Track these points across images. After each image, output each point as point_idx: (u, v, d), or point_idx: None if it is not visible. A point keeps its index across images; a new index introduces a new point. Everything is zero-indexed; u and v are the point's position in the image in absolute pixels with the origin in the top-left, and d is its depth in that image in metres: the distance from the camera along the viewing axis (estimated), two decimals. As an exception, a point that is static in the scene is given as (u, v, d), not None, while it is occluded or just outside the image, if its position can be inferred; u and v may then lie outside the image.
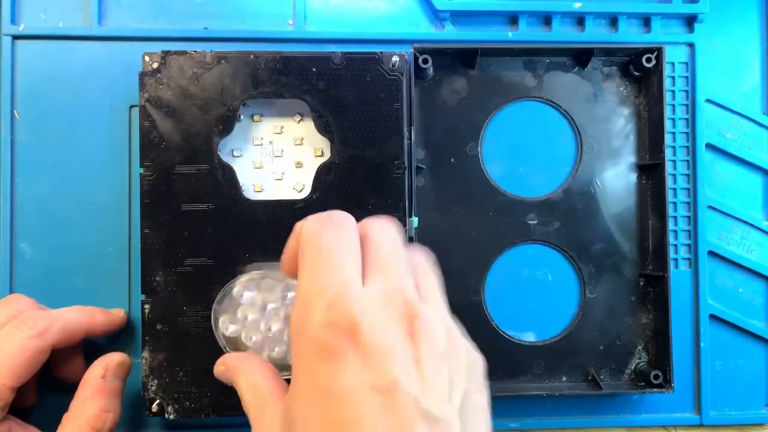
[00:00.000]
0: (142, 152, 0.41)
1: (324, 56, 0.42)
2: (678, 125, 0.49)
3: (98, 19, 0.46)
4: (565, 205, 0.47)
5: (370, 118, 0.42)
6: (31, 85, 0.45)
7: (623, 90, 0.48)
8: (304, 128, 0.45)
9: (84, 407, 0.38)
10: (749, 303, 0.49)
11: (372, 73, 0.42)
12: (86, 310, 0.41)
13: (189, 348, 0.41)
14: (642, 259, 0.48)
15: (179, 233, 0.41)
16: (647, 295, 0.48)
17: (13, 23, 0.45)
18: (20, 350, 0.36)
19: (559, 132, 0.48)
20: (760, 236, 0.49)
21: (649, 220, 0.47)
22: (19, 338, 0.36)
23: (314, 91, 0.42)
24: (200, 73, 0.42)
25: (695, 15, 0.48)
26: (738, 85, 0.50)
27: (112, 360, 0.40)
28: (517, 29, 0.48)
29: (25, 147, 0.45)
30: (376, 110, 0.42)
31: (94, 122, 0.46)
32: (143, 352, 0.40)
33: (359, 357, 0.27)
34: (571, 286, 0.48)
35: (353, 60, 0.42)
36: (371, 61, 0.42)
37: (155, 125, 0.41)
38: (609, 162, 0.48)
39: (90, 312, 0.42)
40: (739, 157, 0.49)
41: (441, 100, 0.47)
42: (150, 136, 0.41)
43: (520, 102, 0.48)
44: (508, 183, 0.47)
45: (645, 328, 0.48)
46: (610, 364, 0.47)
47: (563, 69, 0.48)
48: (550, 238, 0.47)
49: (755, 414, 0.49)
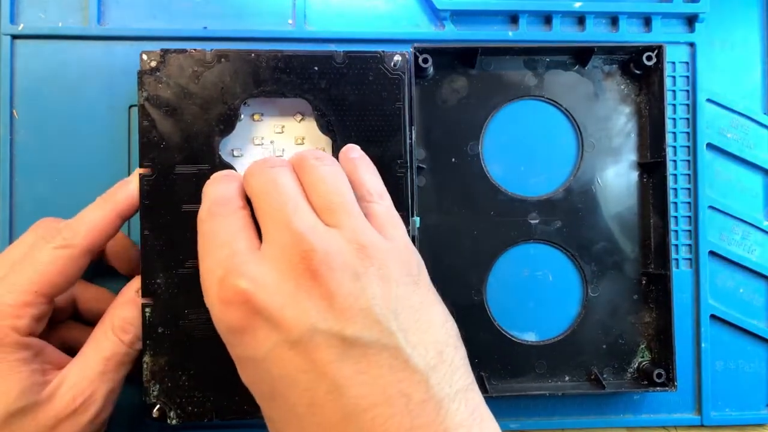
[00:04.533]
0: (142, 152, 0.40)
1: (326, 55, 0.41)
2: (678, 125, 0.49)
3: (98, 18, 0.46)
4: (567, 204, 0.47)
5: (372, 117, 0.41)
6: (30, 84, 0.45)
7: (624, 88, 0.48)
8: (305, 127, 0.44)
9: (112, 314, 0.38)
10: (750, 303, 0.49)
11: (374, 72, 0.42)
12: (107, 199, 0.39)
13: (191, 351, 0.40)
14: (644, 258, 0.47)
15: (180, 234, 0.40)
16: (649, 294, 0.47)
17: (12, 23, 0.45)
18: (51, 258, 0.36)
19: (560, 131, 0.48)
20: (761, 236, 0.49)
21: (651, 219, 0.47)
22: (48, 248, 0.36)
23: (316, 90, 0.41)
24: (200, 71, 0.41)
25: (696, 14, 0.48)
26: (739, 84, 0.50)
27: None
28: (518, 29, 0.48)
29: (25, 147, 0.45)
30: (378, 109, 0.41)
31: (93, 122, 0.45)
32: (144, 357, 0.39)
33: (263, 322, 0.28)
34: (573, 285, 0.48)
35: (355, 59, 0.41)
36: (373, 60, 0.41)
37: (155, 125, 0.40)
38: (610, 160, 0.48)
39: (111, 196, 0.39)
40: (740, 157, 0.49)
41: (441, 99, 0.47)
42: (149, 135, 0.40)
43: (520, 101, 0.48)
44: (509, 182, 0.47)
45: (647, 327, 0.47)
46: (613, 363, 0.47)
47: (564, 68, 0.48)
48: (552, 237, 0.47)
49: (756, 414, 0.48)
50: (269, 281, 0.29)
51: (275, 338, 0.28)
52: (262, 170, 0.34)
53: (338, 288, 0.28)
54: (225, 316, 0.29)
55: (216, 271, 0.30)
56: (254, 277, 0.29)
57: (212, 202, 0.33)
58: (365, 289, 0.29)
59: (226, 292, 0.29)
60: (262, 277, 0.29)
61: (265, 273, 0.29)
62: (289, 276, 0.29)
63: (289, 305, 0.28)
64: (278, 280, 0.29)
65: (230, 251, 0.30)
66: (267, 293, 0.28)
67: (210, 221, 0.33)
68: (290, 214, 0.31)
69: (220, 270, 0.30)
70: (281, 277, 0.29)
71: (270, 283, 0.29)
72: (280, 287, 0.29)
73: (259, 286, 0.29)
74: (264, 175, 0.33)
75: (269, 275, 0.29)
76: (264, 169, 0.34)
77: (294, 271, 0.29)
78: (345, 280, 0.29)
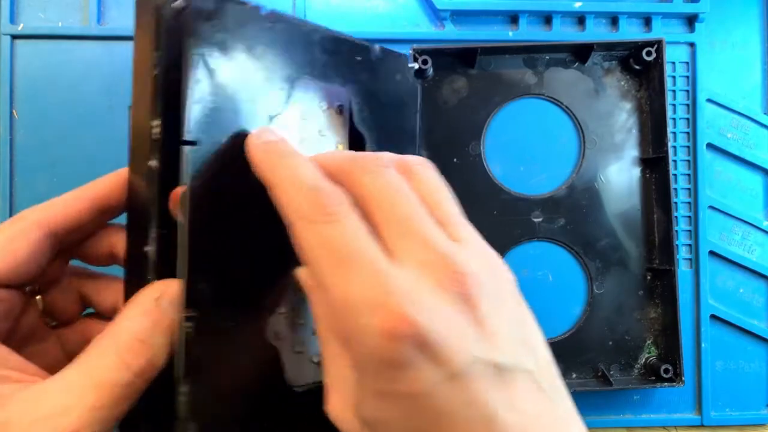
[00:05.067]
0: (187, 116, 0.28)
1: (365, 46, 0.37)
2: (679, 125, 0.49)
3: (97, 18, 0.46)
4: (570, 202, 0.47)
5: (394, 119, 0.39)
6: (30, 84, 0.45)
7: (624, 84, 0.48)
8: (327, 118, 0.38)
9: (118, 329, 0.27)
10: (750, 303, 0.49)
11: (401, 73, 0.39)
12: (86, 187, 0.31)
13: (240, 377, 0.31)
14: (648, 254, 0.48)
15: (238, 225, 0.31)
16: (655, 289, 0.47)
17: (12, 23, 0.45)
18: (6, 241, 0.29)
19: (561, 128, 0.48)
20: (761, 236, 0.49)
21: (654, 214, 0.47)
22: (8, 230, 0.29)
23: (358, 82, 0.37)
24: (255, 32, 0.31)
25: (696, 14, 0.49)
26: (739, 84, 0.50)
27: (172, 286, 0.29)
28: (518, 29, 0.48)
29: (24, 147, 0.45)
30: (399, 112, 0.39)
31: (93, 122, 0.45)
32: (181, 387, 0.28)
33: (429, 355, 0.25)
34: (578, 283, 0.48)
35: (388, 56, 0.38)
36: (400, 60, 0.39)
37: (206, 84, 0.29)
38: (612, 157, 0.48)
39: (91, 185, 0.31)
40: (740, 156, 0.49)
41: (442, 100, 0.47)
42: (200, 96, 0.28)
43: (521, 99, 0.48)
44: (511, 181, 0.47)
45: (653, 323, 0.47)
46: (620, 359, 0.47)
47: (563, 65, 0.48)
48: (556, 235, 0.47)
49: (756, 414, 0.49)
50: (432, 307, 0.25)
51: (441, 372, 0.25)
52: (379, 169, 0.28)
53: (488, 312, 0.26)
54: (388, 350, 0.24)
55: (367, 293, 0.25)
56: (419, 302, 0.25)
57: (320, 196, 0.26)
58: (501, 310, 0.27)
59: (391, 321, 0.24)
60: (425, 302, 0.25)
61: (426, 298, 0.25)
62: (446, 301, 0.25)
63: (453, 335, 0.25)
64: (438, 305, 0.25)
65: (374, 268, 0.25)
66: (434, 322, 0.24)
67: (327, 224, 0.26)
68: (426, 229, 0.27)
69: (373, 293, 0.25)
70: (440, 303, 0.25)
71: (433, 309, 0.25)
72: (441, 314, 0.25)
73: (426, 313, 0.24)
74: (383, 176, 0.28)
75: (430, 300, 0.25)
76: (381, 169, 0.28)
77: (448, 294, 0.26)
78: (490, 303, 0.26)
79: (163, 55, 0.28)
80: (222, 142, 0.29)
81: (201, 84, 0.28)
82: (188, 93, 0.28)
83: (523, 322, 0.28)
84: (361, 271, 0.25)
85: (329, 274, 0.26)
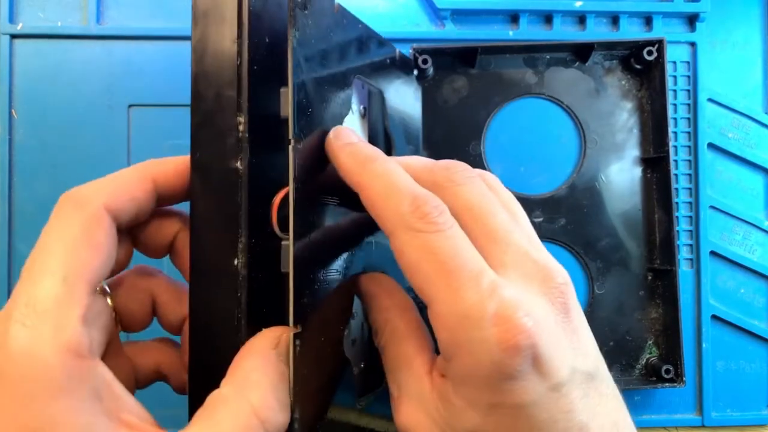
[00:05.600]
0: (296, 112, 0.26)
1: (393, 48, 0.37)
2: (680, 124, 0.49)
3: (96, 18, 0.46)
4: (571, 202, 0.47)
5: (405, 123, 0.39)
6: (29, 84, 0.45)
7: (625, 84, 0.48)
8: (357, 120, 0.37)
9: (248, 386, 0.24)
10: (751, 304, 0.49)
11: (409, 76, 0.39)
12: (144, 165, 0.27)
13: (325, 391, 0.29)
14: (649, 254, 0.47)
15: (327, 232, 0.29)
16: (656, 290, 0.47)
17: (11, 22, 0.45)
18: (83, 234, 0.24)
19: (562, 128, 0.48)
20: (762, 236, 0.49)
21: (655, 214, 0.47)
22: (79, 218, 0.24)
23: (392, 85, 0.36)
24: (331, 23, 0.29)
25: (697, 14, 0.49)
26: (740, 84, 0.50)
27: (285, 334, 0.26)
28: (518, 28, 0.48)
29: (23, 147, 0.45)
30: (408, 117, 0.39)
31: (92, 122, 0.45)
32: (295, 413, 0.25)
33: (536, 371, 0.25)
34: (579, 283, 0.47)
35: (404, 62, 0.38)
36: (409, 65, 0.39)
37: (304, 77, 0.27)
38: (613, 156, 0.48)
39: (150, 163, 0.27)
40: (741, 156, 0.49)
41: (442, 99, 0.47)
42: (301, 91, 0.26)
43: (521, 99, 0.48)
44: (511, 181, 0.47)
45: (654, 323, 0.47)
46: (621, 359, 0.47)
47: (564, 65, 0.48)
48: (557, 235, 0.47)
49: (757, 415, 0.48)
50: (540, 319, 0.25)
51: (545, 383, 0.25)
52: (471, 180, 0.28)
53: (581, 322, 0.27)
54: (505, 361, 0.24)
55: (482, 305, 0.24)
56: (532, 313, 0.24)
57: (422, 205, 0.25)
58: (584, 318, 0.28)
59: (512, 333, 0.24)
60: (535, 314, 0.25)
61: (535, 310, 0.25)
62: (549, 311, 0.26)
63: (558, 347, 0.25)
64: (545, 316, 0.25)
65: (486, 280, 0.25)
66: (544, 333, 0.24)
67: (432, 234, 0.25)
68: (522, 240, 0.27)
69: (488, 304, 0.24)
70: (546, 313, 0.25)
71: (541, 320, 0.25)
72: (548, 325, 0.25)
73: (539, 324, 0.24)
74: (476, 187, 0.28)
75: (538, 312, 0.25)
76: (473, 180, 0.28)
77: (551, 305, 0.26)
78: (579, 312, 0.27)
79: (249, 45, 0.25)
80: (309, 143, 0.27)
81: (302, 77, 0.26)
82: (293, 87, 0.25)
83: (588, 329, 0.28)
84: (472, 282, 0.24)
85: (437, 284, 0.25)
